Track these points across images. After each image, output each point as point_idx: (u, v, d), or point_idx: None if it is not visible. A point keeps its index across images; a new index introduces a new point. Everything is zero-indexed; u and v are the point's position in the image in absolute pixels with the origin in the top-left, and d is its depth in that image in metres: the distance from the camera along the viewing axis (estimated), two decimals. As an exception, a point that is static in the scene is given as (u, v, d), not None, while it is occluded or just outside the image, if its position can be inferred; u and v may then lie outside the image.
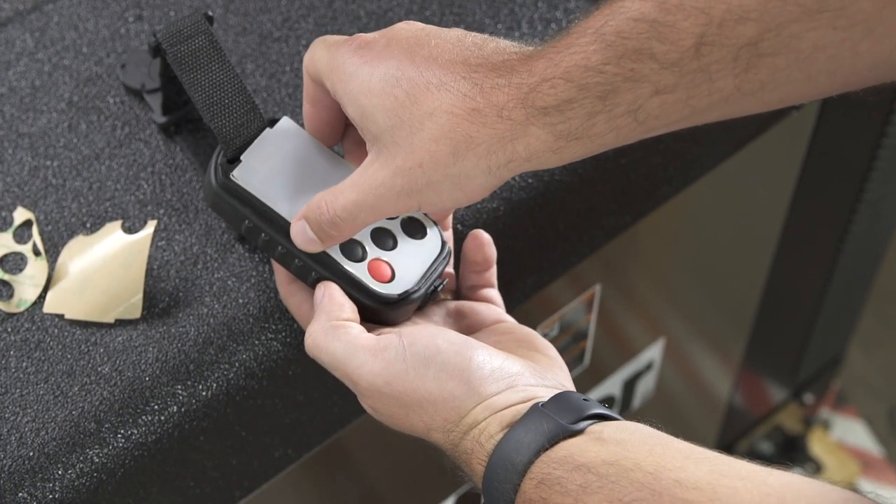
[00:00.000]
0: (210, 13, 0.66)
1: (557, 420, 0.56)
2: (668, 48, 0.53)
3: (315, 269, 0.64)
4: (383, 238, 0.66)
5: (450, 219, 0.70)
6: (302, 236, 0.63)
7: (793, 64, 0.53)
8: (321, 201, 0.62)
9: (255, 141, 0.65)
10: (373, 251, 0.65)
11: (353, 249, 0.65)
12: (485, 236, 0.68)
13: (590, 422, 0.56)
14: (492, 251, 0.68)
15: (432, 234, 0.67)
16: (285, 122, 0.67)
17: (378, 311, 0.64)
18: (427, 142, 0.58)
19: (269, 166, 0.65)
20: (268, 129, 0.66)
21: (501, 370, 0.60)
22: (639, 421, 0.57)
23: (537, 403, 0.57)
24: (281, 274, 0.67)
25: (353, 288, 0.64)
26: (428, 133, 0.58)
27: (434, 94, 0.58)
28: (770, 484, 0.51)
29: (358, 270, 0.64)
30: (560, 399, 0.58)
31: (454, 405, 0.59)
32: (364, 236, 0.65)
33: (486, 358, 0.60)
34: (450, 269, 0.70)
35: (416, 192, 0.59)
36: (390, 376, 0.60)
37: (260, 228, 0.64)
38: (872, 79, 0.54)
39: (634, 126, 0.56)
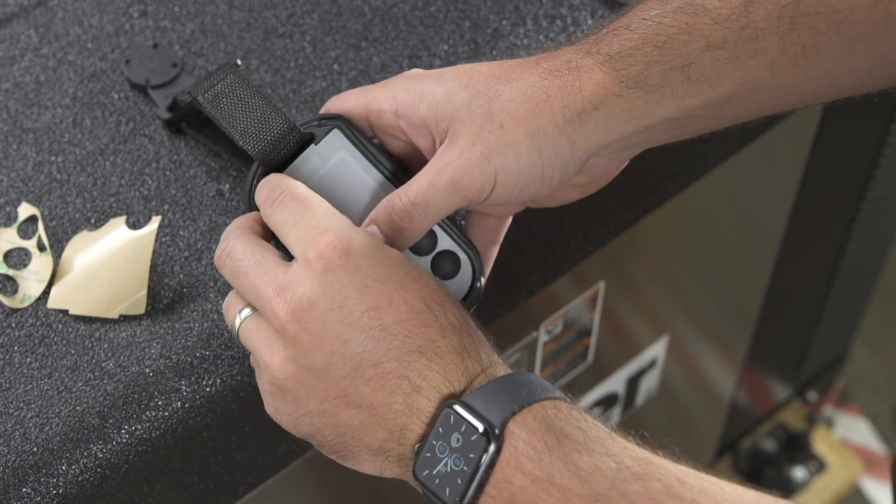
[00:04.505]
0: (239, 62, 0.65)
1: (547, 385, 0.56)
2: (720, 4, 0.57)
3: None
4: None
5: (494, 249, 0.65)
6: None
7: (832, 26, 0.56)
8: (393, 195, 0.60)
9: (297, 159, 0.62)
10: None
11: None
12: None
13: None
14: None
15: (464, 273, 0.62)
16: (332, 139, 0.63)
17: None
18: (506, 103, 0.59)
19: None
20: (312, 147, 0.62)
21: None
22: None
23: (520, 370, 0.57)
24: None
25: None
26: (507, 95, 0.60)
27: (509, 66, 0.61)
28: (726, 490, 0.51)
29: None
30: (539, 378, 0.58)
31: (475, 338, 0.57)
32: None
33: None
34: None
35: (496, 155, 0.59)
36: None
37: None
38: None
39: (688, 85, 0.58)
